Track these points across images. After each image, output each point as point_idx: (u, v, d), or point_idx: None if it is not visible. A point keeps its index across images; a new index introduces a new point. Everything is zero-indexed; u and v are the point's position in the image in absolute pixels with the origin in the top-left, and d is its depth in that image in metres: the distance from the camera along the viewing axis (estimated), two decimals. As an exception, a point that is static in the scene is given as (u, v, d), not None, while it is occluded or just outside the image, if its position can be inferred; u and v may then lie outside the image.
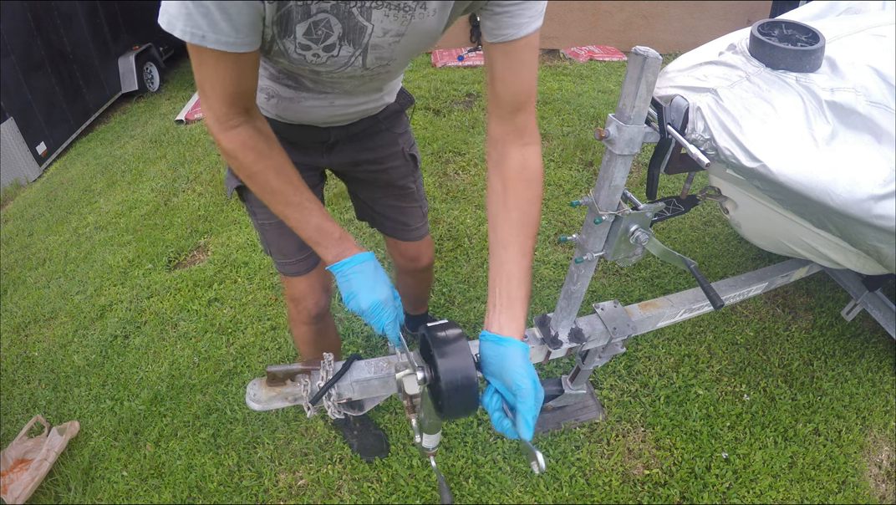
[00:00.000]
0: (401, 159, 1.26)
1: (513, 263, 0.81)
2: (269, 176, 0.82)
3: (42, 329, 2.35)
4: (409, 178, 1.30)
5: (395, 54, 0.83)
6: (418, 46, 0.84)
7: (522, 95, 0.82)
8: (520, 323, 0.77)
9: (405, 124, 1.26)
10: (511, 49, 0.78)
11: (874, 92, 1.08)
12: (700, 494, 1.50)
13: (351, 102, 1.03)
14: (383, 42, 0.78)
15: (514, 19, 0.76)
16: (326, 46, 0.76)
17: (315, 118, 1.04)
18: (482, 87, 4.27)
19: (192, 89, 5.36)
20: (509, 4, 0.75)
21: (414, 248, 1.41)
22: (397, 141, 1.23)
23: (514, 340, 0.75)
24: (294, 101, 0.99)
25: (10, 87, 4.16)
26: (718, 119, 1.07)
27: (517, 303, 0.79)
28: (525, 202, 0.84)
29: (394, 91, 1.15)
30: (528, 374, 0.71)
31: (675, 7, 5.45)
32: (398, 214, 1.34)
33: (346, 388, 1.03)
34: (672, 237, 2.53)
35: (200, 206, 3.03)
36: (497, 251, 0.83)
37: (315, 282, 1.25)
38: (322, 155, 1.16)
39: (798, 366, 1.87)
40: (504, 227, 0.83)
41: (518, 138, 0.85)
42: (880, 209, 1.05)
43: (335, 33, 0.74)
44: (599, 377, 1.82)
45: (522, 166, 0.84)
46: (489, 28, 0.78)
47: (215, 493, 1.57)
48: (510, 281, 0.80)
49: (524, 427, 0.70)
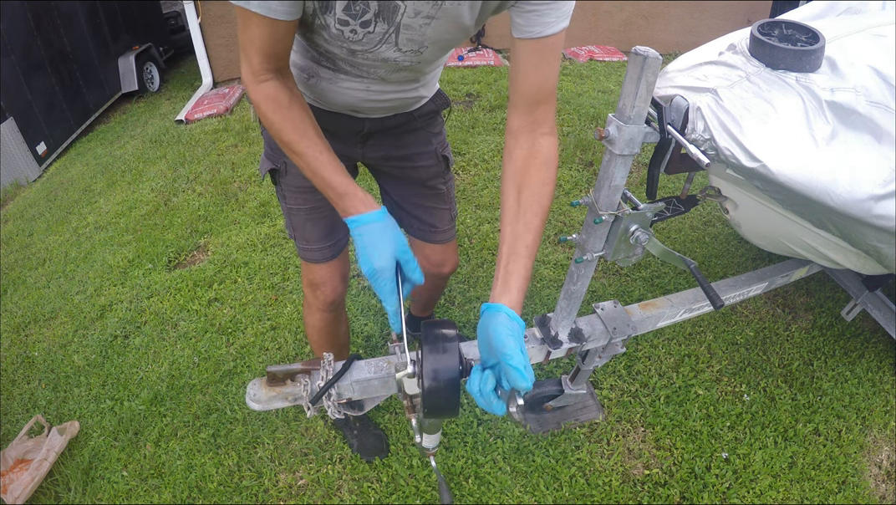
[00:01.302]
0: (433, 159, 1.28)
1: (516, 238, 0.83)
2: (285, 126, 0.86)
3: (42, 329, 2.35)
4: (440, 178, 1.32)
5: (425, 38, 0.86)
6: (449, 36, 0.87)
7: (544, 91, 0.85)
8: (513, 295, 0.79)
9: (440, 125, 1.29)
10: (538, 46, 0.82)
11: (874, 92, 1.08)
12: (700, 494, 1.50)
13: (386, 89, 1.05)
14: (414, 23, 0.82)
15: (543, 18, 0.79)
16: (363, 22, 0.80)
17: (351, 102, 1.06)
18: (482, 87, 4.28)
19: (192, 89, 5.36)
20: (540, 3, 0.78)
21: (440, 252, 1.42)
22: (431, 140, 1.26)
23: (502, 305, 0.76)
24: (332, 82, 1.02)
25: (10, 87, 4.16)
26: (718, 119, 1.07)
27: (512, 277, 0.80)
28: (536, 183, 0.85)
29: (429, 84, 1.16)
30: (514, 333, 0.72)
31: (675, 7, 5.45)
32: (426, 215, 1.35)
33: (346, 388, 1.03)
34: (672, 237, 2.53)
35: (200, 206, 3.03)
36: (504, 228, 0.85)
37: (335, 270, 1.28)
38: (356, 146, 1.19)
39: (798, 366, 1.87)
40: (512, 206, 0.85)
41: (535, 129, 0.87)
42: (880, 209, 1.05)
43: (371, 10, 0.78)
44: (599, 377, 1.82)
45: (536, 152, 0.87)
46: (518, 24, 0.81)
47: (215, 493, 1.57)
48: (510, 256, 0.82)
49: (517, 377, 0.67)
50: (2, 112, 4.07)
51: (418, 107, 1.18)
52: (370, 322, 2.09)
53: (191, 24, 4.98)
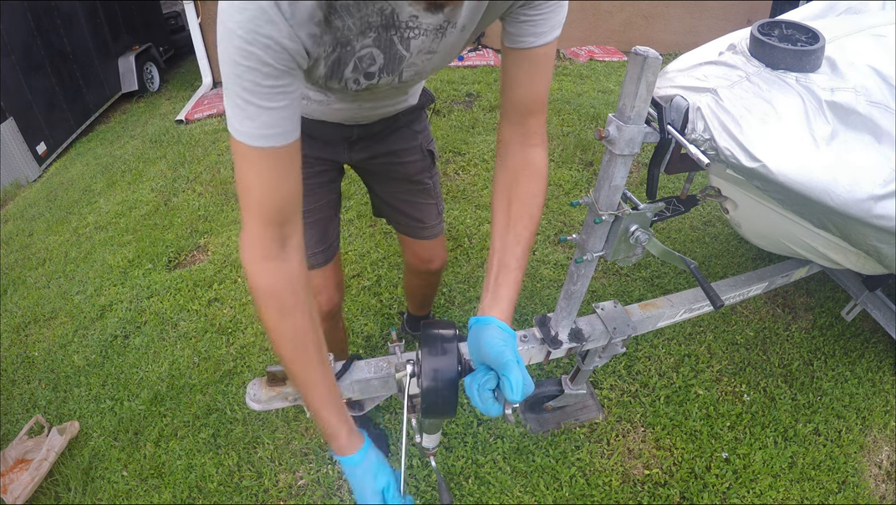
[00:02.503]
0: (419, 154, 1.28)
1: (505, 250, 0.83)
2: (283, 338, 0.76)
3: (42, 329, 2.35)
4: (426, 173, 1.32)
5: (426, 67, 0.87)
6: (448, 59, 0.88)
7: (534, 101, 0.85)
8: (503, 306, 0.79)
9: (424, 121, 1.30)
10: (529, 56, 0.81)
11: (874, 92, 1.08)
12: (700, 494, 1.50)
13: (377, 105, 1.07)
14: (417, 60, 0.82)
15: (535, 28, 0.78)
16: (367, 74, 0.79)
17: (342, 118, 1.09)
18: (482, 87, 4.27)
19: (192, 89, 5.36)
20: (533, 14, 0.78)
21: (428, 248, 1.43)
22: (416, 137, 1.27)
23: (493, 318, 0.76)
24: (323, 104, 1.03)
25: (10, 87, 4.16)
26: (718, 119, 1.07)
27: (503, 288, 0.80)
28: (526, 195, 0.86)
29: (417, 94, 1.19)
30: (508, 344, 0.72)
31: (675, 7, 5.45)
32: (414, 211, 1.36)
33: (346, 388, 1.03)
34: (672, 237, 2.53)
35: (200, 206, 3.03)
36: (494, 240, 0.85)
37: (329, 277, 1.29)
38: (344, 151, 1.20)
39: (798, 366, 1.87)
40: (503, 217, 0.86)
41: (526, 140, 0.87)
42: (880, 209, 1.05)
43: (377, 63, 0.77)
44: (599, 377, 1.82)
45: (526, 164, 0.87)
46: (511, 34, 0.81)
47: (215, 493, 1.57)
48: (500, 268, 0.82)
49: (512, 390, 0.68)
50: (2, 112, 4.07)
51: (404, 109, 1.20)
52: (370, 322, 2.09)
53: (191, 24, 4.98)
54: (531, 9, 0.77)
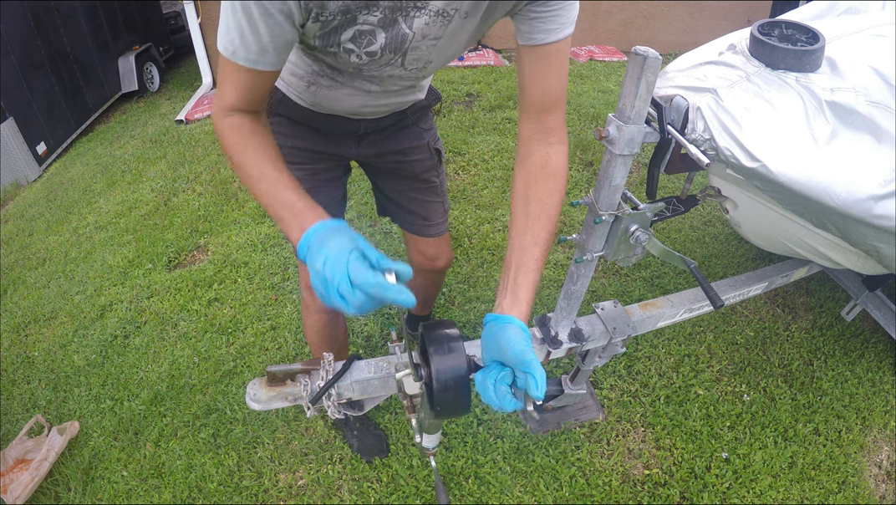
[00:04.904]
0: (426, 152, 1.29)
1: (524, 251, 0.83)
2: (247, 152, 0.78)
3: (42, 329, 2.35)
4: (433, 171, 1.33)
5: (431, 56, 0.87)
6: (453, 51, 0.88)
7: (551, 98, 0.85)
8: (522, 307, 0.79)
9: (431, 120, 1.30)
10: (542, 53, 0.82)
11: (874, 92, 1.08)
12: (700, 494, 1.50)
13: (385, 94, 1.06)
14: (422, 45, 0.82)
15: (546, 25, 0.79)
16: (369, 52, 0.81)
17: (350, 108, 1.07)
18: (482, 87, 4.27)
19: (192, 89, 5.36)
20: (543, 11, 0.78)
21: (433, 245, 1.43)
22: (423, 135, 1.27)
23: (513, 317, 0.77)
24: (332, 90, 1.03)
25: (10, 87, 4.15)
26: (718, 119, 1.07)
27: (522, 289, 0.81)
28: (545, 194, 0.86)
29: (425, 88, 1.19)
30: (529, 345, 0.72)
31: (675, 7, 5.45)
32: (420, 208, 1.36)
33: (346, 388, 1.03)
34: (672, 237, 2.53)
35: (200, 206, 3.03)
36: (512, 240, 0.86)
37: None
38: (351, 146, 1.20)
39: (798, 366, 1.87)
40: (521, 217, 0.86)
41: (544, 138, 0.88)
42: (880, 209, 1.05)
43: (378, 42, 0.78)
44: (599, 377, 1.82)
45: (545, 162, 0.87)
46: (522, 31, 0.81)
47: (215, 493, 1.57)
48: (518, 269, 0.82)
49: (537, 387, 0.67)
50: (2, 112, 4.06)
51: (412, 105, 1.20)
52: (370, 322, 2.09)
53: (191, 24, 4.98)
54: (540, 6, 0.78)
